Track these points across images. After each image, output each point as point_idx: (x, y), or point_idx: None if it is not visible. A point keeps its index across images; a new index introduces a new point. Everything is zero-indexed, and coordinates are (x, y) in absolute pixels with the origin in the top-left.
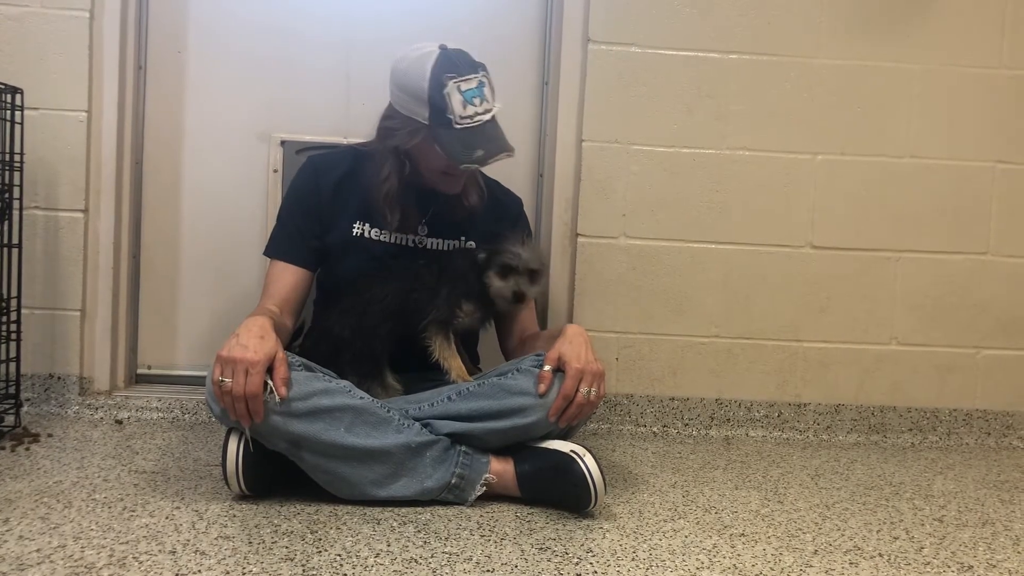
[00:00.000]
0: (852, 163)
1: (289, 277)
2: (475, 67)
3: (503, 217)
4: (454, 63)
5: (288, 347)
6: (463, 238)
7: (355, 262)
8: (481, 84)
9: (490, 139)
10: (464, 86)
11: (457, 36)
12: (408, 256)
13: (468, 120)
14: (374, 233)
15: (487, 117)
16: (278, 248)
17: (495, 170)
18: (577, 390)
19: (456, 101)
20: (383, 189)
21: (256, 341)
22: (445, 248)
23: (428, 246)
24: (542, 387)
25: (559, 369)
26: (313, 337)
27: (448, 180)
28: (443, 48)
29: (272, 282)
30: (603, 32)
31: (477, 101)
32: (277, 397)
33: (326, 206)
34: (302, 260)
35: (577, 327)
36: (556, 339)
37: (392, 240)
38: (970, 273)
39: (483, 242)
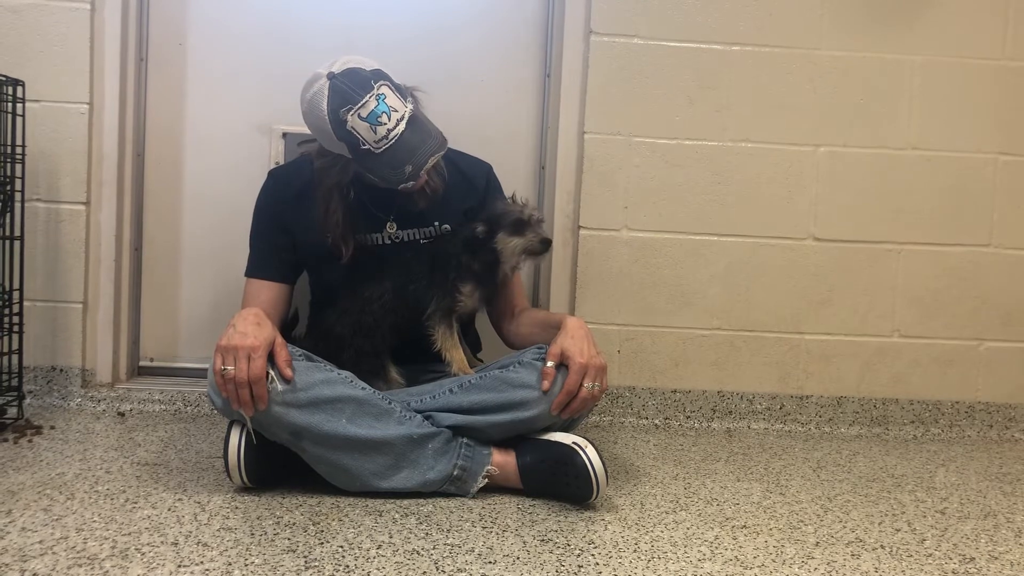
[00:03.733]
0: (854, 155)
1: (266, 293)
2: (367, 85)
3: (471, 189)
4: (344, 92)
5: (286, 337)
6: (437, 223)
7: (337, 269)
8: (380, 98)
9: (414, 149)
10: (364, 112)
11: (459, 31)
12: (390, 253)
13: (385, 141)
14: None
15: (402, 128)
16: (252, 267)
17: (494, 156)
18: (581, 385)
19: (363, 130)
20: (330, 226)
21: (254, 328)
22: (421, 238)
23: (404, 239)
24: (546, 383)
25: (562, 364)
26: (313, 336)
27: (402, 192)
28: (331, 77)
29: (249, 300)
30: (605, 24)
31: (384, 118)
32: (279, 386)
33: (291, 219)
34: (278, 275)
35: (577, 320)
36: (556, 330)
37: (369, 242)
38: (972, 265)
39: (457, 222)
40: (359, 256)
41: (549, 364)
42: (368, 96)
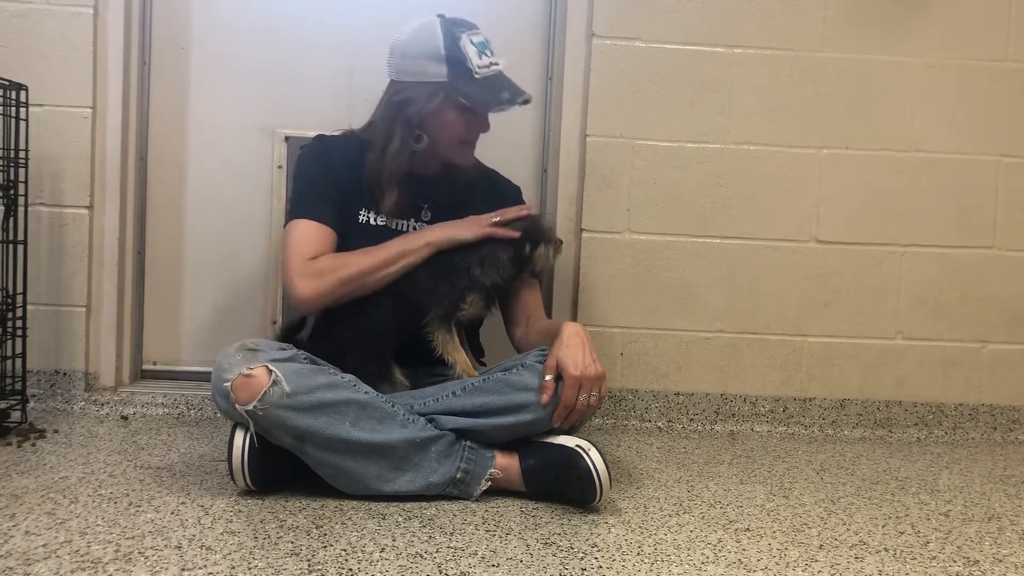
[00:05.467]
0: (857, 157)
1: (318, 235)
2: (476, 26)
3: (502, 204)
4: (461, 22)
5: (291, 340)
6: None
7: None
8: (486, 41)
9: (510, 85)
10: (475, 39)
11: None
12: None
13: (487, 70)
14: (379, 220)
15: (499, 67)
16: (303, 209)
17: (495, 159)
18: (577, 398)
19: (472, 52)
20: (391, 165)
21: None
22: None
23: None
24: (544, 397)
25: (559, 376)
26: (317, 338)
27: (463, 150)
28: (441, 16)
29: (301, 242)
30: (607, 27)
31: (489, 53)
32: (286, 387)
33: (337, 185)
34: (329, 219)
35: (575, 326)
36: (554, 337)
37: (396, 227)
38: (975, 267)
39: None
40: (383, 241)
41: (547, 378)
42: (478, 32)
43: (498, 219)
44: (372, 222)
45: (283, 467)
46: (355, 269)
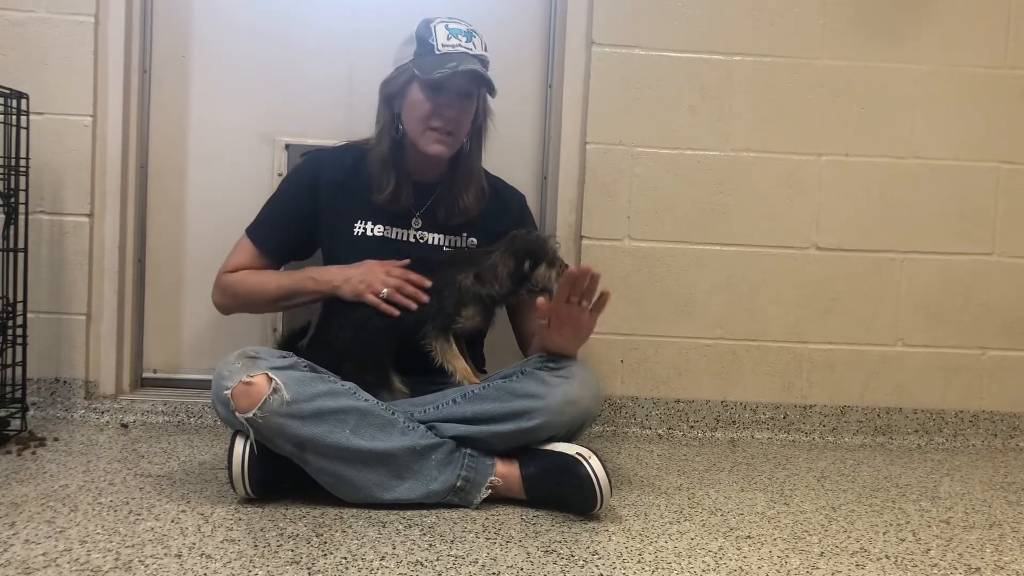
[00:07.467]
0: (856, 164)
1: (249, 254)
2: (465, 21)
3: (505, 213)
4: (449, 16)
5: (292, 348)
6: (464, 234)
7: (358, 262)
8: (471, 33)
9: (466, 63)
10: (452, 25)
11: None
12: (412, 253)
13: (449, 48)
14: (377, 230)
15: (470, 52)
16: (256, 229)
17: (495, 167)
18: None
19: (441, 33)
20: (375, 166)
21: (355, 268)
22: (447, 244)
23: (429, 242)
24: (543, 308)
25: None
26: (315, 346)
27: (430, 137)
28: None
29: (236, 255)
30: (607, 34)
31: (463, 39)
32: (286, 395)
33: (324, 205)
34: (271, 248)
35: None
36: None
37: (394, 236)
38: (975, 274)
39: (486, 240)
40: (384, 252)
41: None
42: (465, 25)
43: (386, 293)
44: (369, 233)
45: (283, 475)
46: (245, 293)
